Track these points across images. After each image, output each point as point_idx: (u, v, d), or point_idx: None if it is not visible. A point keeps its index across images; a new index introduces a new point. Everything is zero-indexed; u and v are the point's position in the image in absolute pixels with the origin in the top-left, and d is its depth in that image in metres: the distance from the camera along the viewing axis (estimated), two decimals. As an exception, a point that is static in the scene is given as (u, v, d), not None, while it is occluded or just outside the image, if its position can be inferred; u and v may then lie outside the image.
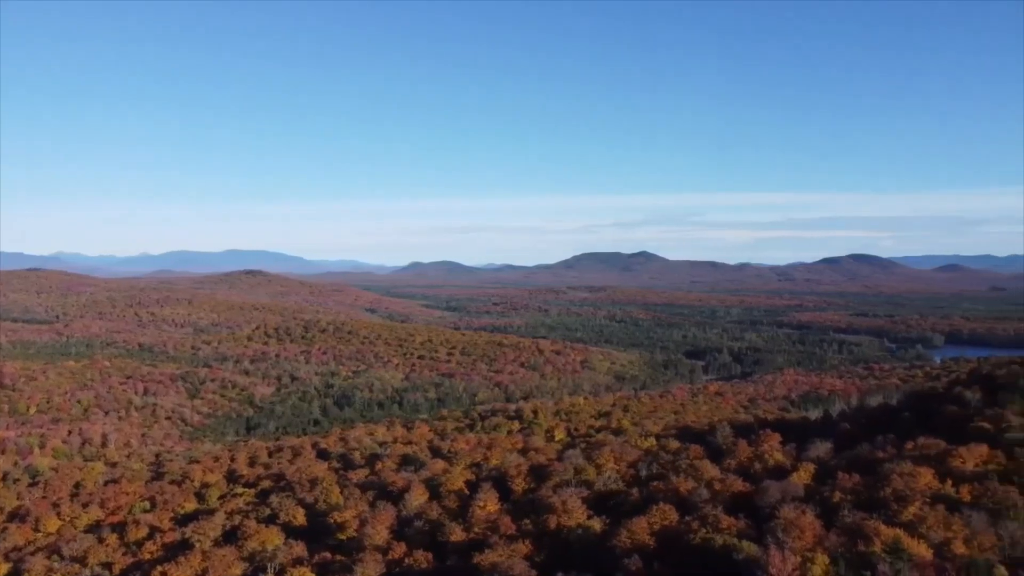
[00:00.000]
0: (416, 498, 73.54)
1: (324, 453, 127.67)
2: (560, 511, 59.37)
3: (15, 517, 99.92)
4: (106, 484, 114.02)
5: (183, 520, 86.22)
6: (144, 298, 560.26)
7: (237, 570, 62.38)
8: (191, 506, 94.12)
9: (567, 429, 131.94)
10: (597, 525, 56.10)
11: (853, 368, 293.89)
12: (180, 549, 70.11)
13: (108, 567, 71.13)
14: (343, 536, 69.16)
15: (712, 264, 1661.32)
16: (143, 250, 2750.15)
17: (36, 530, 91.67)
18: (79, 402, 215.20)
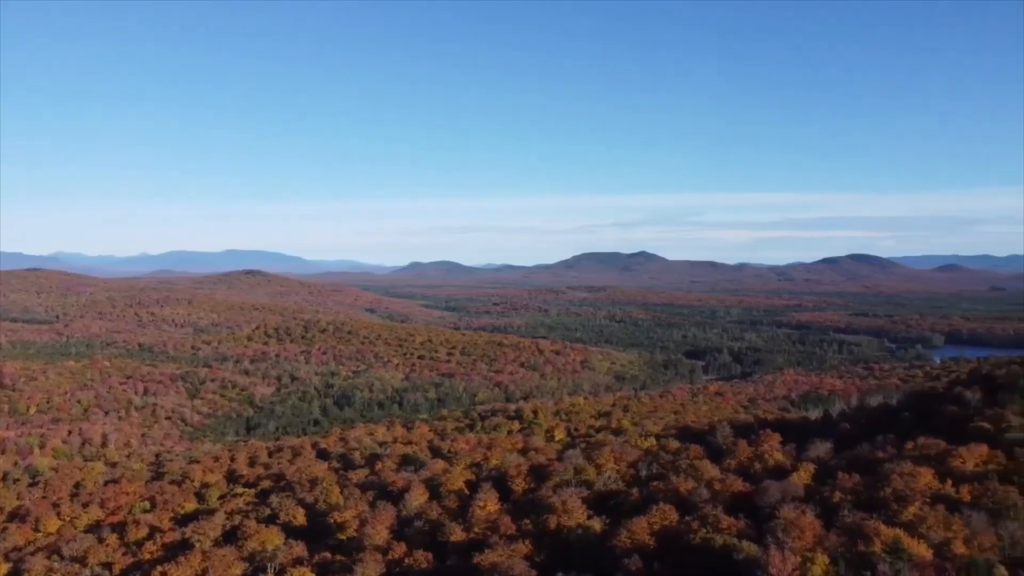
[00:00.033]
0: (416, 498, 73.56)
1: (324, 453, 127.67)
2: (560, 511, 59.37)
3: (15, 517, 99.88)
4: (106, 484, 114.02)
5: (183, 520, 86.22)
6: (144, 298, 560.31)
7: (237, 570, 62.38)
8: (191, 506, 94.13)
9: (567, 429, 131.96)
10: (597, 525, 56.11)
11: (853, 368, 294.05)
12: (180, 549, 70.10)
13: (108, 567, 71.12)
14: (343, 536, 69.19)
15: (711, 264, 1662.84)
16: (143, 250, 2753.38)
17: (36, 530, 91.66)
18: (79, 402, 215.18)
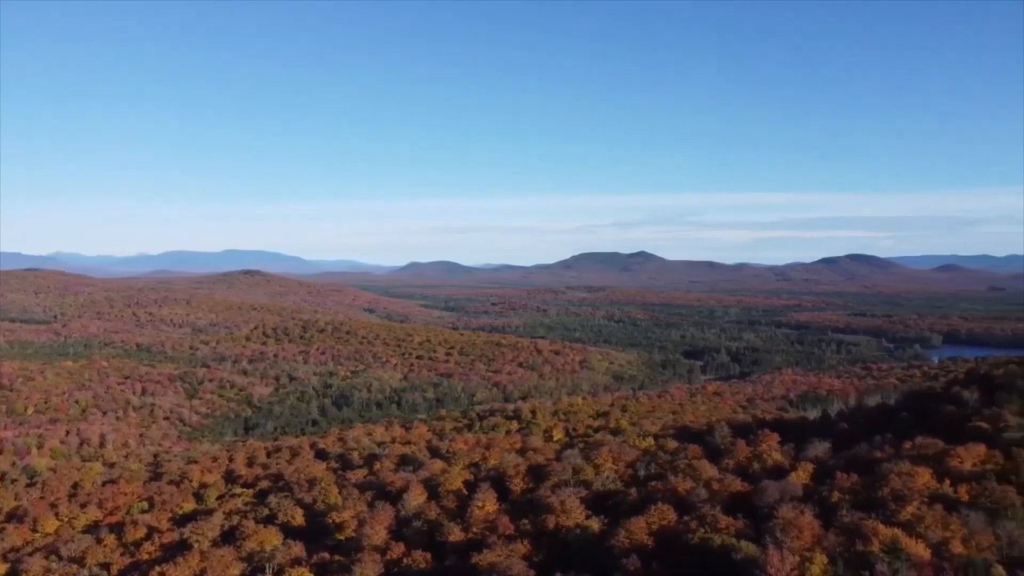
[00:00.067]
0: (414, 498, 73.51)
1: (322, 453, 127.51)
2: (558, 511, 59.36)
3: (13, 517, 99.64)
4: (104, 484, 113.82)
5: (181, 520, 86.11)
6: (142, 298, 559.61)
7: (235, 570, 62.33)
8: (189, 506, 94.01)
9: (565, 429, 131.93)
10: (595, 525, 56.11)
11: (851, 368, 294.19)
12: (178, 549, 70.03)
13: (106, 567, 71.01)
14: (341, 536, 69.15)
15: (710, 264, 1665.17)
16: (141, 250, 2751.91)
17: (34, 530, 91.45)
18: (77, 402, 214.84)
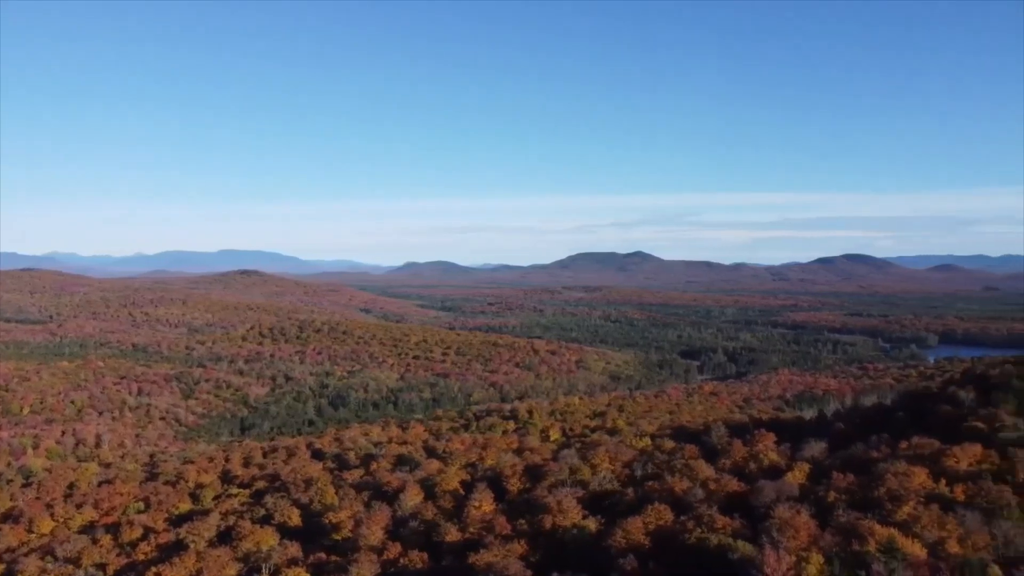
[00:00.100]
0: (411, 498, 73.50)
1: (319, 453, 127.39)
2: (555, 511, 59.38)
3: (8, 518, 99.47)
4: (100, 485, 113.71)
5: (177, 521, 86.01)
6: (138, 298, 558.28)
7: (232, 571, 62.26)
8: (185, 507, 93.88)
9: (562, 429, 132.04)
10: (592, 525, 56.13)
11: (847, 368, 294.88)
12: (174, 550, 69.95)
13: (102, 568, 70.92)
14: (338, 536, 69.08)
15: (707, 264, 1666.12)
16: (138, 250, 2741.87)
17: (30, 531, 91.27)
18: (73, 402, 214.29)
